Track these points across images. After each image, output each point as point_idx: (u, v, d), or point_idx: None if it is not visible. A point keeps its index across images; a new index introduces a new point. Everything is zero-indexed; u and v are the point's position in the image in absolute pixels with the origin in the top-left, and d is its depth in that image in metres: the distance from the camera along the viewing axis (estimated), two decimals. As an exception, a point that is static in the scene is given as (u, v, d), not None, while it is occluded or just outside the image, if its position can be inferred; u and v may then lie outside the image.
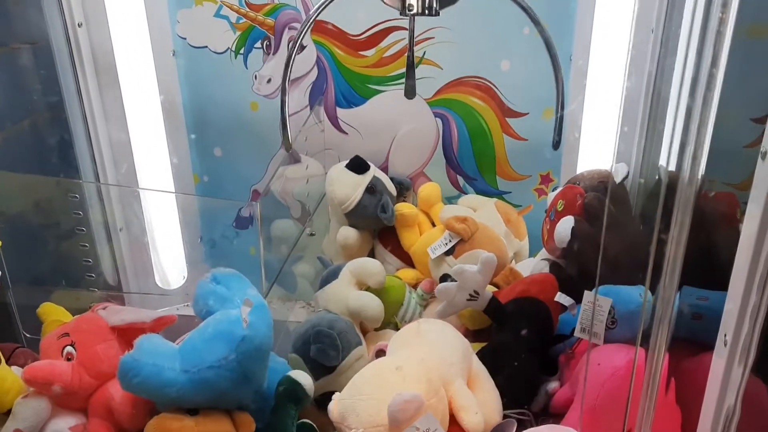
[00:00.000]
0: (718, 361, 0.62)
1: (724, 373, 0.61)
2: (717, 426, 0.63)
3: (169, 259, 1.41)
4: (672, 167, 0.56)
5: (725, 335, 0.62)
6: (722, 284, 0.64)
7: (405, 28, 1.23)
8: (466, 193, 1.34)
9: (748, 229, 0.58)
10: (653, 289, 0.66)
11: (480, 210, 1.27)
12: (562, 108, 0.88)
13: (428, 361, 0.82)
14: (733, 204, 0.86)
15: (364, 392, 0.78)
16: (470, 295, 0.96)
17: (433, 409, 0.77)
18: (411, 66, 0.98)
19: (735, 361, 0.60)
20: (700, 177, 0.53)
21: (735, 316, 0.60)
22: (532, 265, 1.16)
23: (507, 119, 1.26)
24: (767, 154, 0.55)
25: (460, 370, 0.85)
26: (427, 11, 0.95)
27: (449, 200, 1.33)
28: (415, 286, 1.19)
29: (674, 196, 0.55)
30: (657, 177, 0.65)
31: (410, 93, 0.98)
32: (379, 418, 0.75)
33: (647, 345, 0.84)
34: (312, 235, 1.32)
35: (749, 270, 0.58)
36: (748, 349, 0.59)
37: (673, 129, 0.54)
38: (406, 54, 1.24)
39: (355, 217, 1.24)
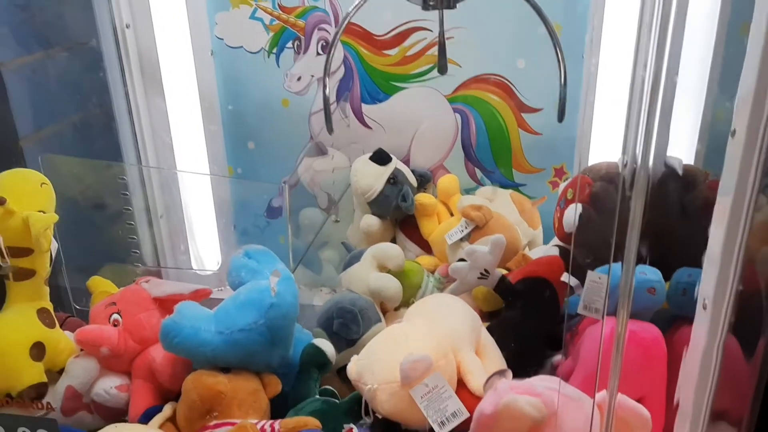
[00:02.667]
0: (699, 322, 0.69)
1: (703, 334, 0.68)
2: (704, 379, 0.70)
3: (205, 245, 1.50)
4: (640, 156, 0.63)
5: (704, 300, 0.69)
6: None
7: (426, 29, 1.30)
8: (484, 185, 1.41)
9: (721, 204, 0.65)
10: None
11: (496, 201, 1.34)
12: (565, 84, 0.95)
13: (439, 328, 0.90)
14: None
15: (379, 353, 0.86)
16: (481, 273, 1.03)
17: (442, 370, 0.84)
18: (443, 47, 1.06)
19: (710, 322, 0.67)
20: (651, 164, 0.60)
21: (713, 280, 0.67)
22: (544, 252, 1.23)
23: (522, 114, 1.33)
24: (736, 132, 0.62)
25: (468, 339, 0.92)
26: (444, 4, 1.02)
27: (467, 192, 1.40)
28: (433, 272, 1.26)
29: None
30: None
31: (443, 70, 1.07)
32: (392, 376, 0.83)
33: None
34: (337, 221, 1.40)
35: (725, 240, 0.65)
36: (725, 311, 0.66)
37: (638, 120, 0.61)
38: (427, 53, 1.33)
39: (377, 206, 1.32)
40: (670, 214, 0.99)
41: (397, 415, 0.84)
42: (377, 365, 0.85)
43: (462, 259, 1.18)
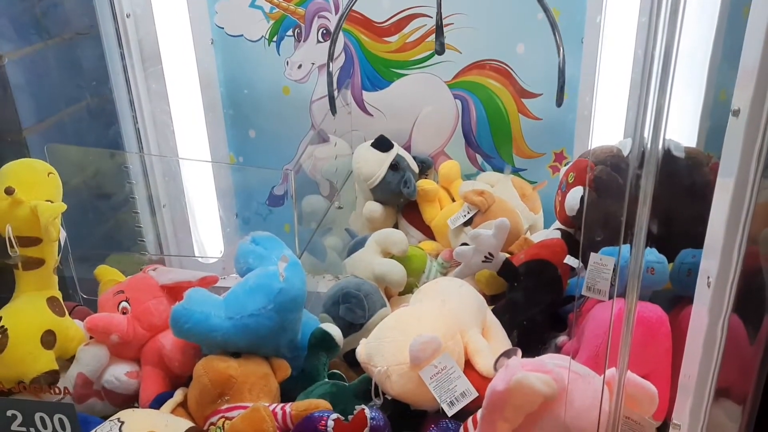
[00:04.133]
0: (702, 299, 0.70)
1: (705, 311, 0.69)
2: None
3: (207, 235, 1.51)
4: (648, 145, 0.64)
5: (708, 277, 0.70)
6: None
7: (426, 15, 1.31)
8: (484, 171, 1.42)
9: (722, 185, 0.66)
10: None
11: (497, 186, 1.36)
12: (563, 70, 0.95)
13: (446, 310, 0.91)
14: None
15: (389, 335, 0.88)
16: (485, 257, 1.04)
17: (450, 351, 0.85)
18: (440, 28, 1.05)
19: (714, 299, 0.68)
20: (659, 151, 0.61)
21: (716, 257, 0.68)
22: (546, 235, 1.24)
23: (522, 100, 1.34)
24: (739, 112, 0.63)
25: (475, 320, 0.94)
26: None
27: (468, 177, 1.41)
28: (435, 257, 1.28)
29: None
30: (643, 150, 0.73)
31: (440, 49, 1.06)
32: (402, 357, 0.84)
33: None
34: (340, 208, 1.41)
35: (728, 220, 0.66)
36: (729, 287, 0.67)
37: (646, 104, 0.61)
38: (426, 40, 1.33)
39: (379, 192, 1.33)
40: (672, 196, 1.00)
41: (407, 396, 0.86)
42: (387, 347, 0.86)
43: (465, 243, 1.20)
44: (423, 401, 0.87)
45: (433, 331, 0.85)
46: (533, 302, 1.03)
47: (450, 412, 0.84)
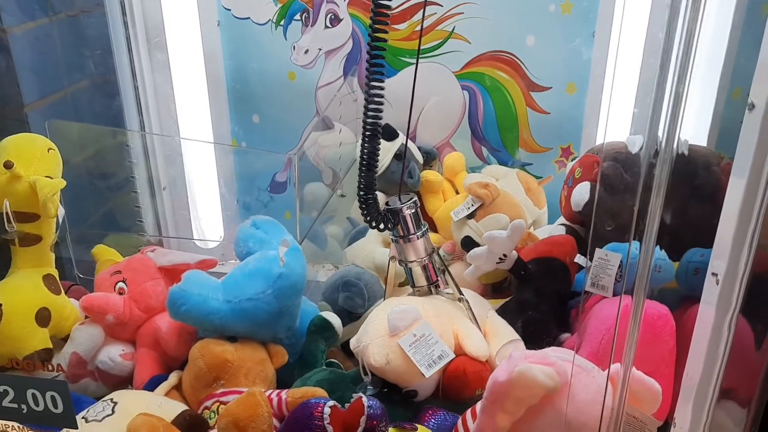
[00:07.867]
0: (709, 296, 0.69)
1: (712, 309, 0.68)
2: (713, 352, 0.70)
3: (207, 219, 1.50)
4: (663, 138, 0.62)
5: (713, 273, 0.69)
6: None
7: (436, 3, 1.29)
8: (490, 164, 1.40)
9: (735, 182, 0.65)
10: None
11: (502, 179, 1.34)
12: None
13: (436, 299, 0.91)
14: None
15: (374, 318, 0.90)
16: (499, 258, 1.02)
17: (440, 334, 0.87)
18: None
19: (722, 296, 0.67)
20: (675, 145, 0.59)
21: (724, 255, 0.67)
22: (550, 231, 1.23)
23: (531, 93, 1.33)
24: (754, 106, 0.61)
25: (467, 313, 0.94)
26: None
27: (473, 170, 1.40)
28: (438, 249, 1.26)
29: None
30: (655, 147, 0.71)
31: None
32: (383, 331, 0.86)
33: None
34: (342, 196, 1.39)
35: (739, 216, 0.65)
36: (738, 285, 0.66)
37: (661, 102, 0.60)
38: (436, 28, 1.31)
39: (383, 181, 1.31)
40: (680, 194, 0.99)
41: (386, 367, 0.86)
42: (371, 327, 0.88)
43: (468, 236, 1.19)
44: (401, 371, 0.86)
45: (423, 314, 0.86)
46: (543, 301, 1.02)
47: (428, 374, 0.84)
